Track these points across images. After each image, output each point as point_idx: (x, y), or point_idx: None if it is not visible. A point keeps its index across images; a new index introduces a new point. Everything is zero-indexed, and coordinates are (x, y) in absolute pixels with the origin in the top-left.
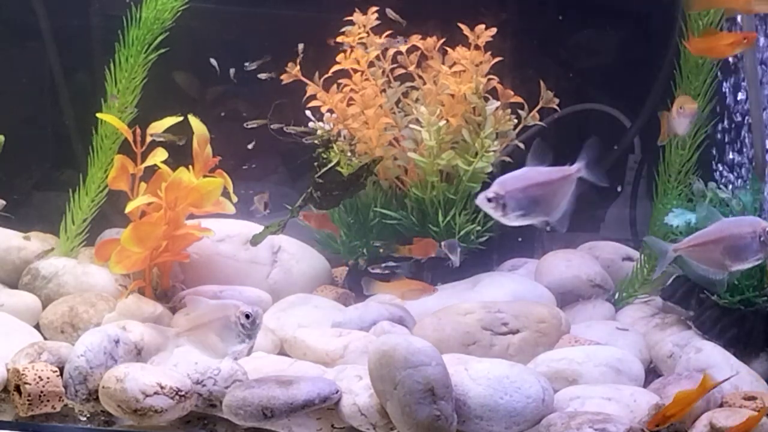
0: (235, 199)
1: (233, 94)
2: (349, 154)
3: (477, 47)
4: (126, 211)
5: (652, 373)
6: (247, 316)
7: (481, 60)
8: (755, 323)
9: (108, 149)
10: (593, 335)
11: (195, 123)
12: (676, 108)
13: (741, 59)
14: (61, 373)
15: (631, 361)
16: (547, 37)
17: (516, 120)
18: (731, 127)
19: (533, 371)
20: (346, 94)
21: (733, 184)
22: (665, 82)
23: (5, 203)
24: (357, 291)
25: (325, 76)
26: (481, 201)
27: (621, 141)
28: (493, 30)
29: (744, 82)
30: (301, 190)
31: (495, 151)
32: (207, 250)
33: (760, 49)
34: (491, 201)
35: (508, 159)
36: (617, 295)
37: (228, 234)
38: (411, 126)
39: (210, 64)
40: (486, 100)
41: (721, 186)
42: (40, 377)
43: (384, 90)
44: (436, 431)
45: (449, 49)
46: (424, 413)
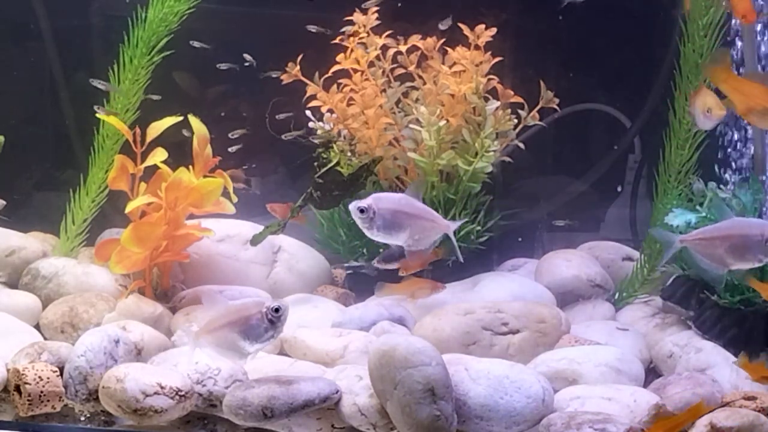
0: (235, 199)
1: (233, 94)
2: (349, 154)
3: (477, 47)
4: (126, 211)
5: (652, 373)
6: (276, 310)
7: (481, 60)
8: (755, 323)
9: (109, 149)
10: (593, 335)
11: (195, 123)
12: (702, 107)
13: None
14: (61, 373)
15: (631, 361)
16: (547, 37)
17: (516, 120)
18: (731, 127)
19: (533, 371)
20: (346, 94)
21: (734, 183)
22: (665, 82)
23: (5, 203)
24: (357, 291)
25: (325, 76)
26: (353, 208)
27: (621, 141)
28: (493, 30)
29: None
30: (301, 190)
31: (495, 151)
32: (207, 250)
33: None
34: (363, 212)
35: (508, 159)
36: (617, 295)
37: (228, 234)
38: (411, 126)
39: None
40: (486, 100)
41: (721, 186)
42: (40, 377)
43: (384, 90)
44: (436, 431)
45: (449, 49)
46: (424, 413)
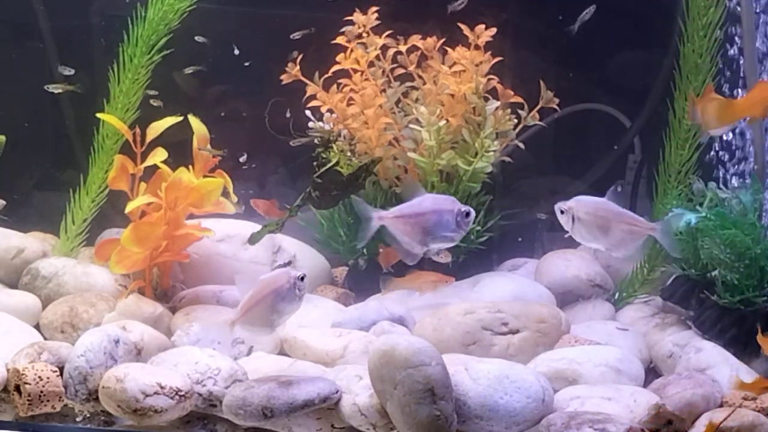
0: (235, 199)
1: (233, 94)
2: (349, 154)
3: (477, 47)
4: (126, 211)
5: (652, 373)
6: (302, 278)
7: (481, 60)
8: (755, 323)
9: (109, 149)
10: (593, 335)
11: (195, 123)
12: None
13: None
14: (61, 373)
15: (631, 361)
16: (547, 37)
17: (516, 120)
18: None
19: (533, 371)
20: (346, 94)
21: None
22: (665, 82)
23: (5, 203)
24: (357, 291)
25: (325, 76)
26: (557, 208)
27: (621, 141)
28: (493, 30)
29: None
30: (301, 190)
31: (495, 151)
32: (207, 250)
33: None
34: (563, 213)
35: (508, 159)
36: (617, 295)
37: (228, 234)
38: (411, 126)
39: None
40: (486, 100)
41: (721, 186)
42: (40, 377)
43: (384, 90)
44: (436, 431)
45: (449, 49)
46: (424, 413)
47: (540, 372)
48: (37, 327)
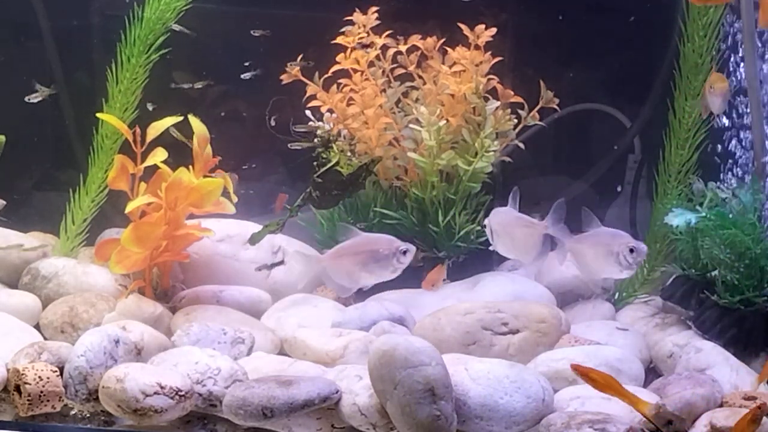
0: (236, 199)
1: (233, 94)
2: (349, 154)
3: (477, 47)
4: (126, 211)
5: (652, 373)
6: (405, 252)
7: (481, 60)
8: (755, 323)
9: (109, 149)
10: (593, 335)
11: (195, 123)
12: (707, 87)
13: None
14: (61, 373)
15: (631, 361)
16: (547, 37)
17: (516, 120)
18: (731, 127)
19: (533, 371)
20: (346, 94)
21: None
22: (665, 81)
23: (5, 203)
24: (357, 291)
25: (325, 76)
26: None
27: (621, 141)
28: (493, 30)
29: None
30: (301, 190)
31: (495, 151)
32: (207, 250)
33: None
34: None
35: (508, 159)
36: (617, 295)
37: (228, 234)
38: (411, 126)
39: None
40: (486, 100)
41: (721, 186)
42: (40, 377)
43: (384, 90)
44: (436, 431)
45: (449, 49)
46: (424, 413)
47: (540, 372)
48: (37, 327)
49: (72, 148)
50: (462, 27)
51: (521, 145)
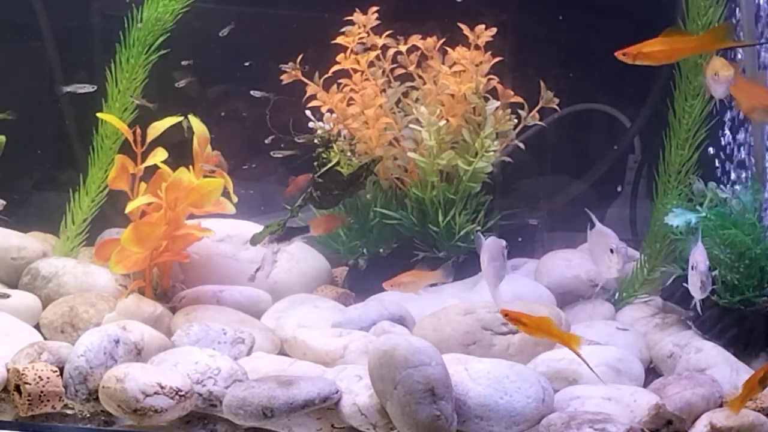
0: (236, 199)
1: (233, 94)
2: (349, 154)
3: (477, 47)
4: (126, 211)
5: (652, 373)
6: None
7: (481, 60)
8: (755, 323)
9: (108, 149)
10: (593, 335)
11: (195, 123)
12: (710, 73)
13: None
14: (61, 373)
15: (631, 361)
16: (547, 37)
17: (516, 120)
18: (731, 127)
19: (533, 371)
20: (346, 94)
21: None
22: (665, 82)
23: (5, 203)
24: (357, 291)
25: (325, 76)
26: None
27: (621, 141)
28: (493, 30)
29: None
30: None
31: (495, 151)
32: (207, 250)
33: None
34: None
35: (508, 159)
36: (617, 295)
37: (228, 234)
38: (411, 126)
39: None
40: (486, 100)
41: (721, 186)
42: (40, 377)
43: (384, 90)
44: (436, 431)
45: (449, 49)
46: (424, 413)
47: (540, 372)
48: (37, 327)
49: (72, 148)
50: (462, 27)
51: (521, 145)
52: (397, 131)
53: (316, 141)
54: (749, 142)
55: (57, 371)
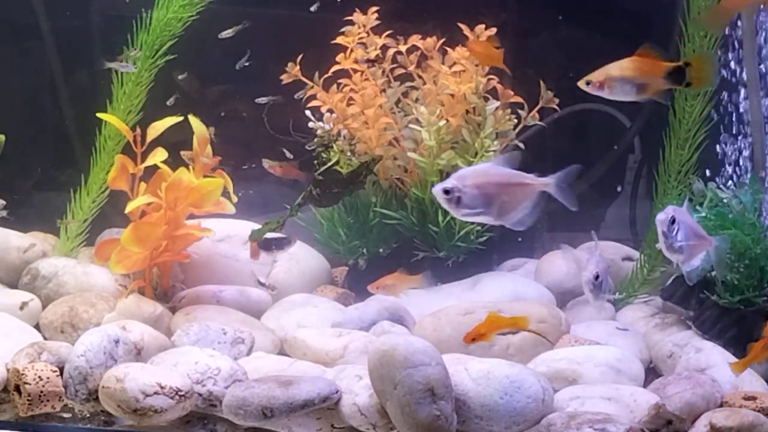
0: (236, 199)
1: (233, 94)
2: (349, 153)
3: None
4: (126, 211)
5: (652, 373)
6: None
7: None
8: (755, 323)
9: (111, 150)
10: (593, 335)
11: (195, 123)
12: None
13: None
14: (61, 373)
15: (631, 361)
16: (547, 37)
17: (516, 120)
18: (731, 127)
19: (533, 371)
20: (346, 94)
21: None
22: None
23: (5, 203)
24: (357, 291)
25: (325, 76)
26: (437, 191)
27: (621, 141)
28: (493, 30)
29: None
30: (301, 189)
31: (495, 151)
32: (207, 250)
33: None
34: (447, 193)
35: None
36: (617, 295)
37: (228, 234)
38: (411, 126)
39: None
40: (486, 100)
41: (721, 186)
42: (40, 377)
43: (384, 90)
44: (436, 431)
45: (449, 49)
46: (424, 413)
47: (540, 372)
48: (37, 327)
49: (72, 148)
50: (462, 27)
51: (521, 145)
52: (397, 131)
53: (316, 141)
54: (749, 142)
55: (57, 371)
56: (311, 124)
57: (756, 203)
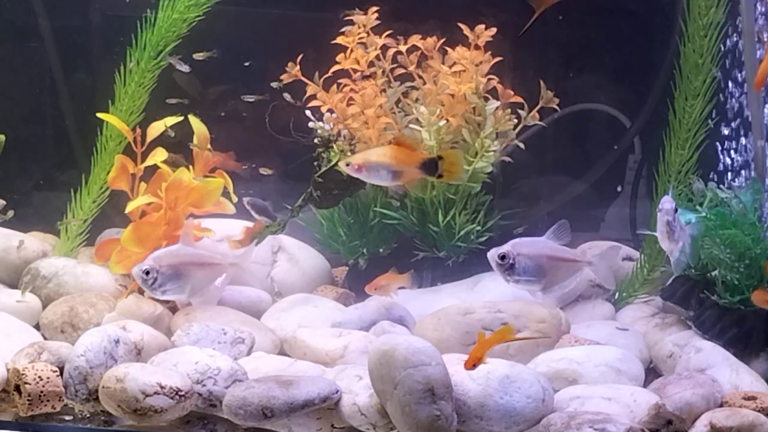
0: (235, 200)
1: (233, 94)
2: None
3: (477, 47)
4: (126, 211)
5: (652, 373)
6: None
7: (481, 60)
8: (755, 323)
9: (112, 151)
10: (593, 335)
11: (195, 123)
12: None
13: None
14: (61, 373)
15: (631, 361)
16: (547, 37)
17: (516, 120)
18: (731, 127)
19: (533, 371)
20: (346, 94)
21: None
22: (665, 82)
23: (5, 203)
24: (357, 291)
25: (325, 76)
26: (492, 256)
27: (621, 141)
28: (493, 30)
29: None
30: (301, 190)
31: (495, 151)
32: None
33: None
34: (502, 259)
35: (508, 159)
36: (617, 295)
37: (228, 234)
38: (411, 126)
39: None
40: (486, 100)
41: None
42: (40, 377)
43: (384, 90)
44: (436, 431)
45: (449, 49)
46: (424, 413)
47: (540, 372)
48: (37, 327)
49: (72, 148)
50: (462, 27)
51: (521, 145)
52: (397, 131)
53: (316, 141)
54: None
55: (57, 371)
56: (311, 124)
57: (756, 203)
